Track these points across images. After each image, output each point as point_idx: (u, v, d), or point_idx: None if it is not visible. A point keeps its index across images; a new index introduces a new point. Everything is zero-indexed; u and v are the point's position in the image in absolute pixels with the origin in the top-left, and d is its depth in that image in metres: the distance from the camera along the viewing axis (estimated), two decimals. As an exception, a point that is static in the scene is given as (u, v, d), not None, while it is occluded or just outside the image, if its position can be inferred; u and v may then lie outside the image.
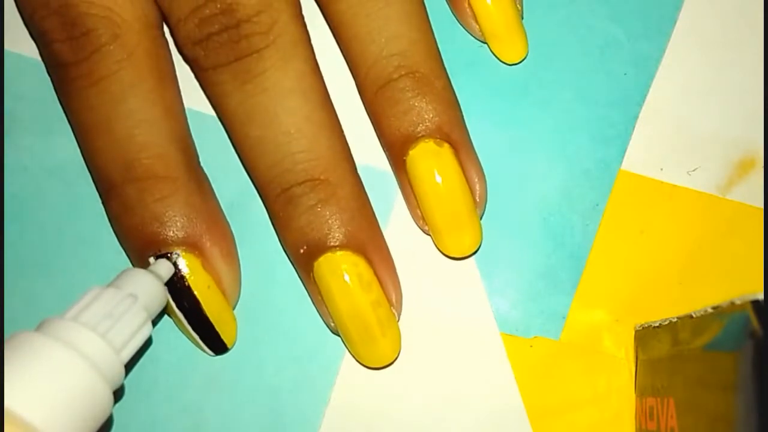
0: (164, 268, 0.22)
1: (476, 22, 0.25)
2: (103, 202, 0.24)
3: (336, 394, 0.25)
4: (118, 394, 0.20)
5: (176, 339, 0.24)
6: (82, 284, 0.24)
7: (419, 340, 0.25)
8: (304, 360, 0.25)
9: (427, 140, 0.23)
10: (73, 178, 0.25)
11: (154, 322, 0.22)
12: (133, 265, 0.24)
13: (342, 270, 0.23)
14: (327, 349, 0.25)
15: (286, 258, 0.25)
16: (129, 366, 0.20)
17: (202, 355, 0.24)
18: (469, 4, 0.25)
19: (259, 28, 0.22)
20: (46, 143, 0.25)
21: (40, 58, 0.25)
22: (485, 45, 0.26)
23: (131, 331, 0.20)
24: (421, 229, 0.25)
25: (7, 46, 0.25)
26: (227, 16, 0.22)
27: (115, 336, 0.20)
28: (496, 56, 0.26)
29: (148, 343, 0.21)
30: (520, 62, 0.26)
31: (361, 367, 0.25)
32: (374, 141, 0.25)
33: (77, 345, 0.19)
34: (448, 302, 0.25)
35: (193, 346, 0.24)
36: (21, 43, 0.25)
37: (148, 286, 0.21)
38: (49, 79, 0.24)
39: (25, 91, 0.25)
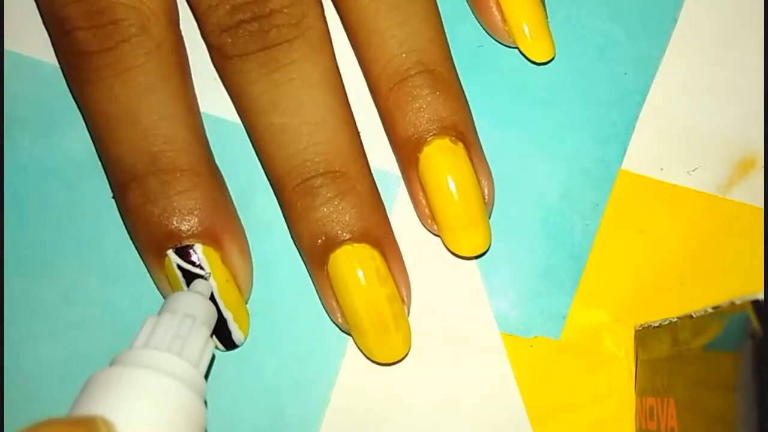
0: (203, 287, 0.23)
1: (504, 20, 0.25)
2: (118, 195, 0.23)
3: (336, 394, 0.25)
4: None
5: (176, 339, 0.25)
6: (81, 284, 0.25)
7: (419, 340, 0.25)
8: (304, 360, 0.25)
9: (443, 137, 0.23)
10: (73, 178, 0.25)
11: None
12: (144, 261, 0.24)
13: (361, 263, 0.23)
14: (327, 349, 0.25)
15: (285, 258, 0.25)
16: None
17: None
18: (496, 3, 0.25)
19: (291, 20, 0.23)
20: (46, 143, 0.25)
21: (39, 58, 0.25)
22: (484, 46, 0.26)
23: (201, 346, 0.21)
24: (429, 229, 0.25)
25: (6, 46, 0.25)
26: (259, 5, 0.22)
27: (190, 353, 0.20)
28: (523, 54, 0.25)
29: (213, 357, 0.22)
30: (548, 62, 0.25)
31: (361, 367, 0.25)
32: (374, 142, 0.25)
33: (161, 368, 0.19)
34: (448, 302, 0.25)
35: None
36: (21, 43, 0.25)
37: (199, 305, 0.22)
38: (48, 79, 0.24)
39: (25, 91, 0.25)
